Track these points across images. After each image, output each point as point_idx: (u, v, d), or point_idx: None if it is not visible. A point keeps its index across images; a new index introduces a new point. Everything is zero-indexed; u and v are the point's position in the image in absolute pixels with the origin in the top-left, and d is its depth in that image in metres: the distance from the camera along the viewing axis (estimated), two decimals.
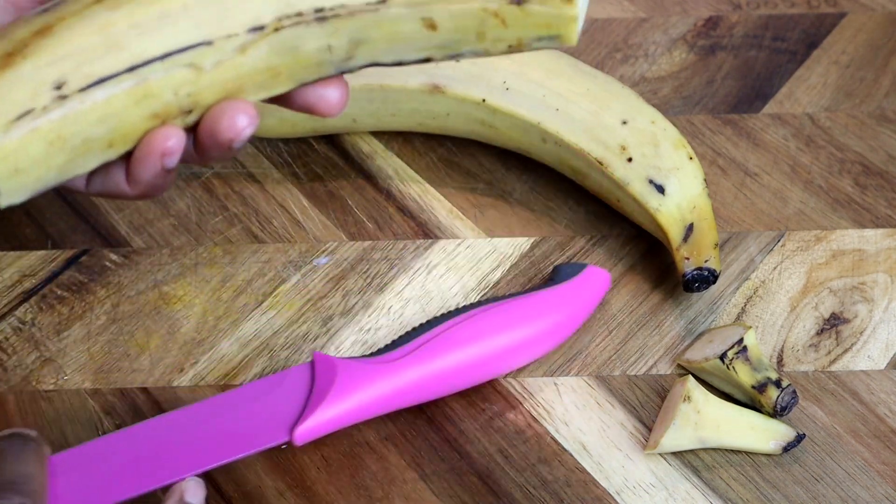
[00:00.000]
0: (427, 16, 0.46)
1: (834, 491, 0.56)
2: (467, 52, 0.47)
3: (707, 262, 0.60)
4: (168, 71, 0.45)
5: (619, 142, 0.62)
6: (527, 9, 0.46)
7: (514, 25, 0.46)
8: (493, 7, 0.46)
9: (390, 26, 0.46)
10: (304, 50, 0.47)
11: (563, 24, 0.46)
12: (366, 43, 0.47)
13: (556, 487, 0.56)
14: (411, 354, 0.55)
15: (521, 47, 0.47)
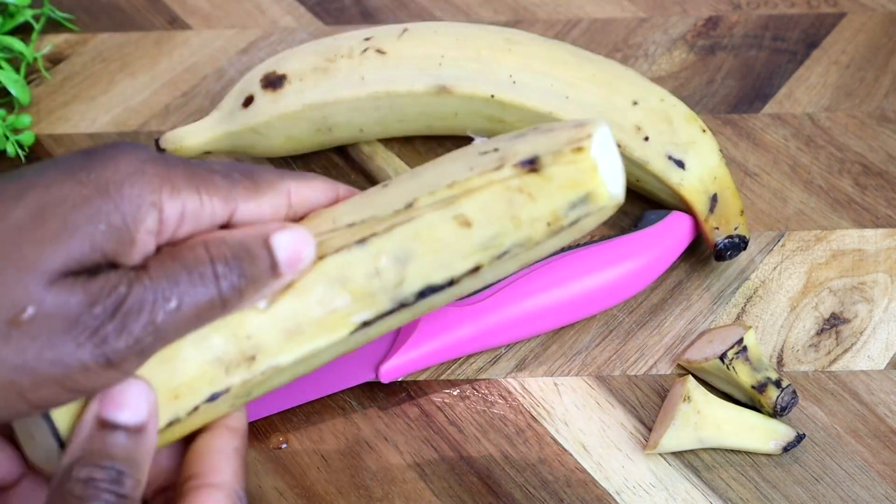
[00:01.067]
0: (458, 213, 0.45)
1: (834, 491, 0.56)
2: (512, 245, 0.46)
3: (736, 229, 0.62)
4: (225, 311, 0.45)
5: (634, 122, 0.62)
6: (545, 173, 0.45)
7: (540, 196, 0.45)
8: (514, 183, 0.45)
9: (428, 234, 0.45)
10: (354, 278, 0.46)
11: (586, 179, 0.45)
12: (411, 260, 0.46)
13: (556, 487, 0.56)
14: (493, 297, 0.58)
15: (559, 222, 0.46)
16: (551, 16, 0.78)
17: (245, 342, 0.45)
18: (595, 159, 0.45)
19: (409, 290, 0.46)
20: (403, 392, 0.59)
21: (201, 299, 0.43)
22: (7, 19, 0.75)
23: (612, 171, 0.46)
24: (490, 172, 0.45)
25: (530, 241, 0.46)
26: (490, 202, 0.45)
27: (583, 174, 0.45)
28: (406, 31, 0.66)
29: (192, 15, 0.78)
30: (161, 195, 0.43)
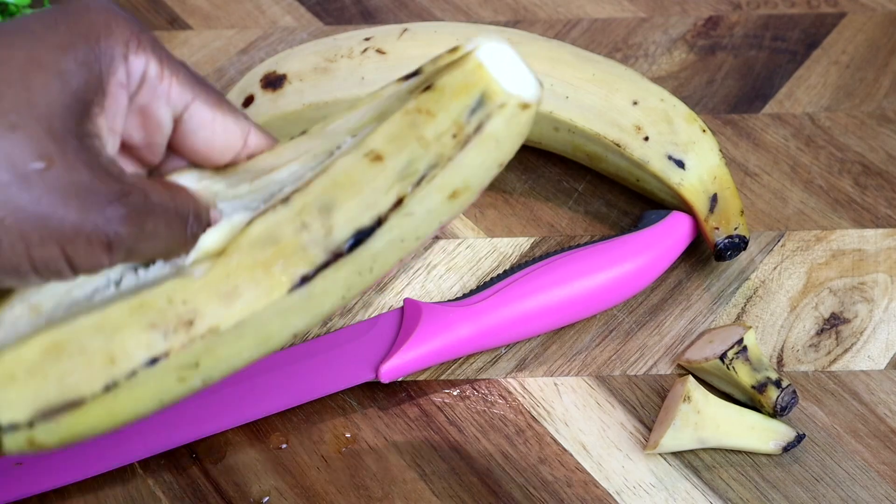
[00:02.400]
0: (368, 150, 0.46)
1: (834, 491, 0.56)
2: (427, 167, 0.46)
3: (736, 229, 0.62)
4: (157, 276, 0.46)
5: (634, 122, 0.62)
6: (437, 86, 0.45)
7: (439, 109, 0.45)
8: (412, 105, 0.45)
9: (345, 179, 0.46)
10: (283, 235, 0.46)
11: (477, 80, 0.45)
12: (334, 207, 0.46)
13: (557, 487, 0.56)
14: (493, 297, 0.58)
15: (463, 130, 0.45)
16: (551, 16, 0.78)
17: (181, 307, 0.45)
18: (478, 59, 0.44)
19: (339, 237, 0.46)
20: (403, 392, 0.59)
21: (171, 240, 0.45)
22: (7, 19, 0.75)
23: (510, 71, 0.45)
24: (379, 91, 0.46)
25: (442, 157, 0.46)
26: (394, 131, 0.45)
27: (471, 75, 0.45)
28: (406, 31, 0.66)
29: (192, 15, 0.78)
30: (129, 48, 0.44)
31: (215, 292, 0.45)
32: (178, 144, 0.48)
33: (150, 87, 0.45)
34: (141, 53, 0.44)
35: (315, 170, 0.47)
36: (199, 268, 0.46)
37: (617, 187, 0.67)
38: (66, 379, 0.44)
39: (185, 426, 0.56)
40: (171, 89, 0.46)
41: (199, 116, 0.47)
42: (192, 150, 0.48)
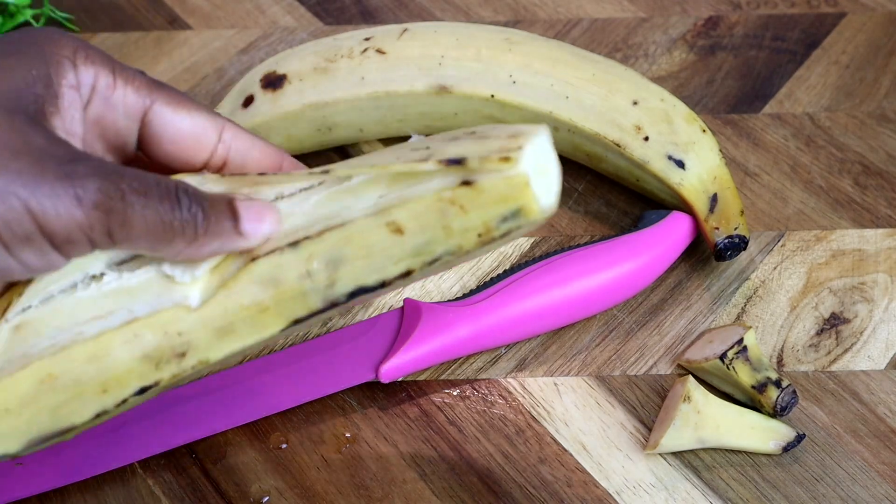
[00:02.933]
0: (390, 220, 0.45)
1: (834, 491, 0.56)
2: (443, 253, 0.46)
3: (736, 229, 0.62)
4: (155, 307, 0.45)
5: (634, 122, 0.62)
6: (478, 186, 0.44)
7: (472, 208, 0.45)
8: (447, 195, 0.45)
9: (360, 239, 0.46)
10: (286, 280, 0.46)
11: (518, 195, 0.44)
12: (343, 263, 0.46)
13: (557, 487, 0.56)
14: (493, 297, 0.58)
15: (490, 234, 0.46)
16: (551, 16, 0.78)
17: (176, 339, 0.45)
18: (527, 174, 0.44)
19: (340, 291, 0.46)
20: (403, 392, 0.59)
21: (161, 215, 0.42)
22: (7, 19, 0.75)
23: (547, 183, 0.46)
24: (413, 163, 0.45)
25: (461, 249, 0.46)
26: (422, 212, 0.45)
27: (515, 189, 0.44)
28: (406, 31, 0.66)
29: (191, 15, 0.78)
30: (76, 58, 0.44)
31: (211, 328, 0.46)
32: (150, 151, 0.47)
33: (102, 98, 0.45)
34: (90, 65, 0.45)
35: (328, 218, 0.46)
36: (195, 293, 0.45)
37: (617, 187, 0.67)
38: (59, 410, 0.44)
39: (185, 426, 0.56)
40: (126, 97, 0.46)
41: (161, 118, 0.47)
42: (164, 153, 0.47)
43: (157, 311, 0.45)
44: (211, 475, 0.56)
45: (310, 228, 0.46)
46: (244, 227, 0.45)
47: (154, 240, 0.43)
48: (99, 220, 0.41)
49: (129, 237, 0.42)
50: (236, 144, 0.48)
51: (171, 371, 0.46)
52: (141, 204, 0.42)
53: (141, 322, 0.45)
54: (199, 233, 0.44)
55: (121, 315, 0.45)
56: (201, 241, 0.44)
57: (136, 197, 0.41)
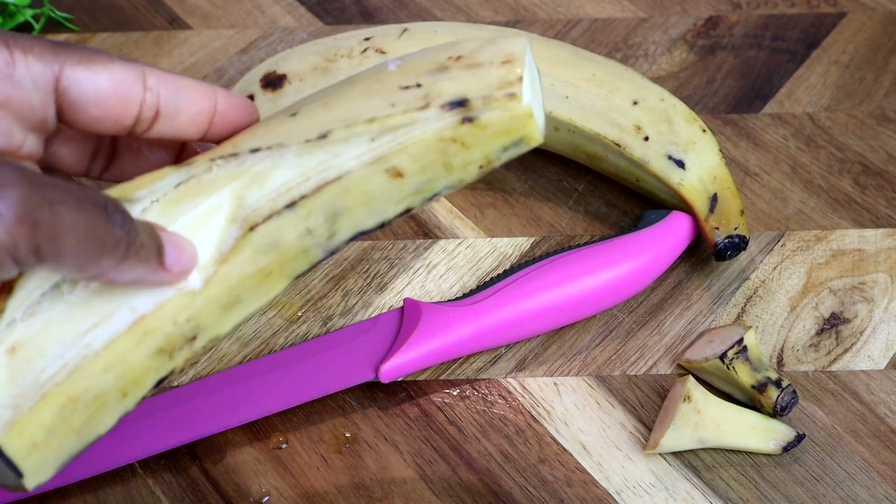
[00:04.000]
0: (390, 166, 0.44)
1: (834, 491, 0.56)
2: (443, 187, 0.46)
3: (736, 229, 0.62)
4: (158, 300, 0.43)
5: (634, 122, 0.62)
6: (480, 123, 0.44)
7: (474, 144, 0.44)
8: (447, 134, 0.44)
9: (359, 188, 0.45)
10: (286, 241, 0.45)
11: (521, 126, 0.44)
12: (342, 214, 0.45)
13: (557, 487, 0.56)
14: (493, 297, 0.58)
15: (491, 163, 0.45)
16: (551, 15, 0.78)
17: (185, 326, 0.44)
18: (530, 106, 0.44)
19: (341, 239, 0.46)
20: (403, 392, 0.59)
21: (93, 228, 0.38)
22: (7, 19, 0.75)
23: (538, 103, 0.45)
24: (414, 111, 0.44)
25: (461, 182, 0.46)
26: (423, 153, 0.44)
27: (518, 121, 0.44)
28: (406, 31, 0.66)
29: (191, 14, 0.78)
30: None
31: (217, 305, 0.45)
32: (73, 119, 0.43)
33: (4, 76, 0.41)
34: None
35: (321, 171, 0.45)
36: (195, 274, 0.44)
37: (617, 187, 0.67)
38: (84, 428, 0.43)
39: (185, 426, 0.56)
40: (30, 69, 0.41)
41: (75, 81, 0.42)
42: (88, 118, 0.43)
43: (161, 303, 0.44)
44: (211, 475, 0.56)
45: (303, 185, 0.45)
46: (167, 258, 0.42)
47: (84, 257, 0.38)
48: (24, 235, 0.36)
49: (59, 254, 0.37)
50: (164, 90, 0.44)
51: (183, 357, 0.45)
52: (72, 216, 0.37)
53: (148, 319, 0.43)
54: (129, 252, 0.40)
55: (124, 315, 0.43)
56: (128, 263, 0.40)
57: (65, 208, 0.37)
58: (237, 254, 0.44)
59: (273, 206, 0.45)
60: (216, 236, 0.45)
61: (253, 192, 0.45)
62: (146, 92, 0.43)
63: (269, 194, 0.45)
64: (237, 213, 0.44)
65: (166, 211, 0.44)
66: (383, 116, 0.44)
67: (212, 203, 0.44)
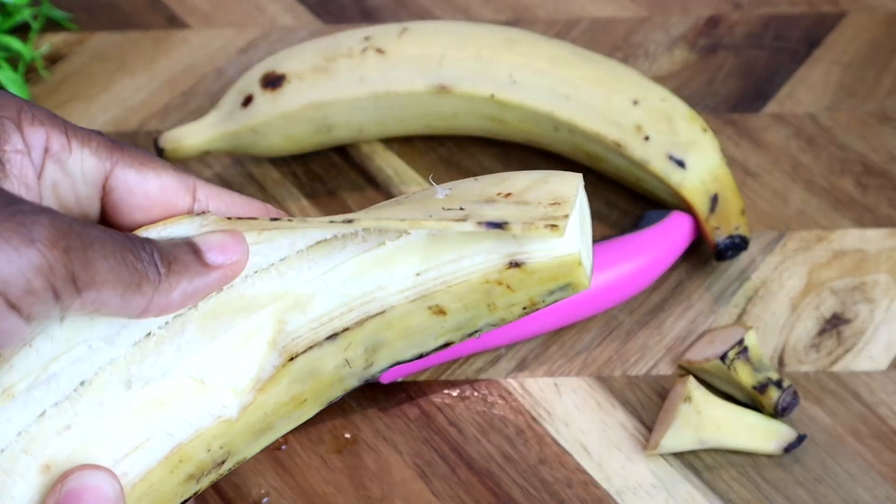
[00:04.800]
0: (433, 304, 0.44)
1: (835, 492, 0.55)
2: (484, 325, 0.45)
3: (737, 229, 0.61)
4: (196, 427, 0.42)
5: (634, 122, 0.62)
6: (528, 268, 0.43)
7: (521, 287, 0.43)
8: (494, 277, 0.43)
9: (401, 323, 0.44)
10: (324, 370, 0.44)
11: (569, 273, 0.43)
12: (382, 347, 0.45)
13: (557, 488, 0.56)
14: None
15: (535, 305, 0.44)
16: (552, 15, 0.78)
17: (218, 452, 0.43)
18: (578, 254, 0.43)
19: (377, 369, 0.45)
20: (403, 392, 0.59)
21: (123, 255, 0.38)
22: (5, 18, 0.75)
23: (588, 248, 0.44)
24: (449, 221, 0.42)
25: (503, 321, 0.45)
26: (468, 293, 0.44)
27: (565, 269, 0.43)
28: (406, 31, 0.65)
29: (191, 14, 0.78)
30: (21, 119, 0.40)
31: (251, 432, 0.44)
32: (116, 220, 0.43)
33: (56, 162, 0.41)
34: (38, 126, 0.41)
35: (364, 302, 0.43)
36: (232, 401, 0.43)
37: (617, 187, 0.67)
38: None
39: None
40: (83, 162, 0.42)
41: (125, 182, 0.42)
42: (132, 221, 0.43)
43: (199, 431, 0.43)
44: None
45: (346, 316, 0.44)
46: (208, 258, 0.41)
47: (122, 284, 0.38)
48: (58, 259, 0.36)
49: (95, 281, 0.37)
50: (214, 205, 0.44)
51: (209, 480, 0.44)
52: (100, 242, 0.37)
53: (185, 447, 0.42)
54: (161, 273, 0.40)
55: (161, 441, 0.42)
56: (168, 283, 0.40)
57: (93, 236, 0.37)
58: (275, 383, 0.44)
59: (315, 336, 0.44)
60: (255, 362, 0.44)
61: (294, 318, 0.44)
62: (195, 203, 0.44)
63: (310, 323, 0.44)
64: (277, 340, 0.44)
65: (206, 325, 0.43)
66: (413, 219, 0.42)
67: (253, 323, 0.43)
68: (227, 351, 0.43)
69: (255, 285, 0.43)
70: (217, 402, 0.43)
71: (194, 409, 0.43)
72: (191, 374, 0.42)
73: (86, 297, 0.37)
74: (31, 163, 0.41)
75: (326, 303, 0.43)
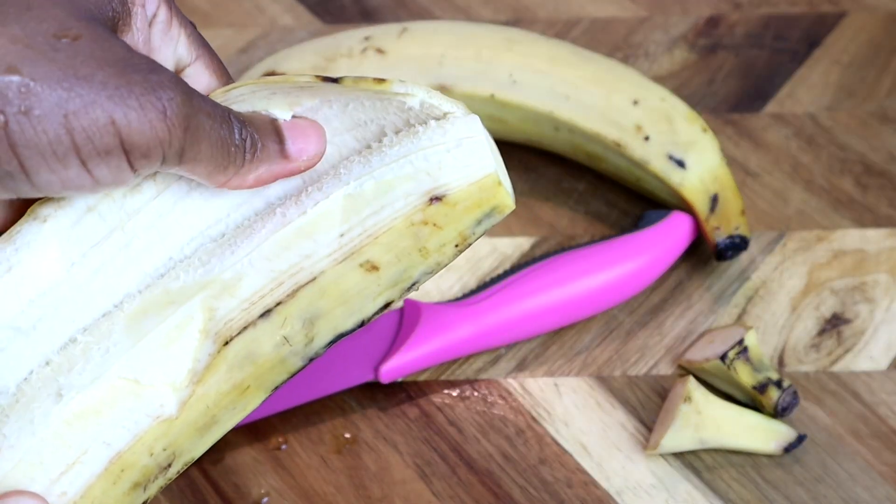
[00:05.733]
0: (363, 260, 0.43)
1: (835, 492, 0.55)
2: (421, 274, 0.44)
3: (737, 229, 0.62)
4: (134, 432, 0.41)
5: (634, 122, 0.62)
6: (449, 200, 0.42)
7: (447, 223, 0.43)
8: (418, 218, 0.42)
9: (335, 289, 0.43)
10: (263, 352, 0.43)
11: (492, 196, 0.43)
12: (320, 318, 0.43)
13: (557, 488, 0.56)
14: (493, 297, 0.58)
15: (466, 240, 0.44)
16: (552, 15, 0.78)
17: (161, 455, 0.42)
18: (496, 174, 0.42)
19: (319, 345, 0.44)
20: (403, 392, 0.59)
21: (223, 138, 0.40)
22: None
23: (504, 172, 0.44)
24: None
25: (440, 265, 0.44)
26: (395, 242, 0.43)
27: (487, 192, 0.42)
28: (406, 31, 0.65)
29: (190, 14, 0.78)
30: None
31: (194, 429, 0.43)
32: None
33: (160, 30, 0.43)
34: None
35: (293, 273, 0.42)
36: (170, 398, 0.42)
37: (617, 187, 0.67)
38: None
39: None
40: (179, 39, 0.44)
41: (196, 78, 0.44)
42: None
43: (137, 435, 0.41)
44: (210, 475, 0.56)
45: (276, 291, 0.43)
46: (289, 148, 0.42)
47: (214, 163, 0.40)
48: (178, 136, 0.38)
49: (197, 157, 0.39)
50: None
51: (157, 486, 0.43)
52: (209, 125, 0.39)
53: (125, 455, 0.41)
54: (247, 158, 0.41)
55: (99, 452, 0.41)
56: (249, 167, 0.41)
57: (205, 117, 0.39)
58: (212, 372, 0.42)
59: (247, 316, 0.43)
60: (189, 354, 0.42)
61: (224, 303, 0.42)
62: None
63: (241, 304, 0.43)
64: (209, 327, 0.42)
65: (133, 324, 0.42)
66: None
67: (182, 315, 0.42)
68: (159, 346, 0.42)
69: (178, 277, 0.42)
70: (154, 402, 0.42)
71: (130, 413, 0.41)
72: (123, 375, 0.41)
73: (183, 167, 0.40)
74: (147, 22, 0.42)
75: (254, 282, 0.43)
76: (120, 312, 0.42)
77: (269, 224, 0.43)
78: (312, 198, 0.43)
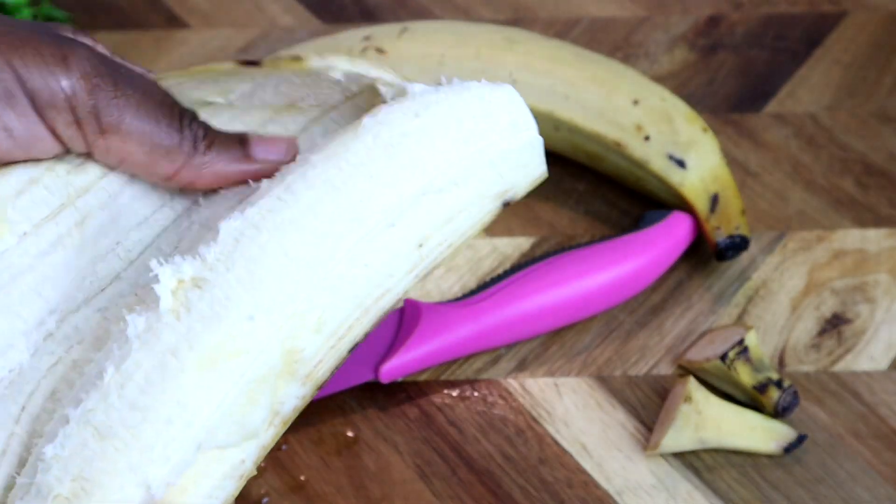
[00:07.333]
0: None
1: (835, 492, 0.55)
2: None
3: (737, 229, 0.62)
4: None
5: (634, 121, 0.62)
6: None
7: None
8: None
9: None
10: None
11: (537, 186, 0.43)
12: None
13: (557, 488, 0.56)
14: (493, 297, 0.58)
15: None
16: (552, 15, 0.78)
17: None
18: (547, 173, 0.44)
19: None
20: (403, 392, 0.59)
21: (159, 118, 0.40)
22: None
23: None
24: None
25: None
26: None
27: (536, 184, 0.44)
28: (406, 30, 0.65)
29: (190, 14, 0.78)
30: None
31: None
32: None
33: None
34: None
35: (376, 298, 0.42)
36: (253, 449, 0.43)
37: (617, 187, 0.67)
38: None
39: None
40: None
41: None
42: None
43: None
44: None
45: (363, 319, 0.43)
46: (254, 151, 0.42)
47: (149, 143, 0.40)
48: (84, 89, 0.39)
49: (120, 129, 0.39)
50: None
51: None
52: (135, 96, 0.39)
53: None
54: (198, 149, 0.41)
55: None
56: (202, 160, 0.41)
57: (127, 85, 0.40)
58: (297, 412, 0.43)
59: (338, 354, 0.43)
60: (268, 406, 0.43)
61: (308, 341, 0.42)
62: None
63: (327, 340, 0.43)
64: (294, 369, 0.43)
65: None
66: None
67: (261, 366, 0.42)
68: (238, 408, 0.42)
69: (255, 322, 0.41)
70: (236, 459, 0.42)
71: (222, 481, 0.42)
72: (206, 448, 0.41)
73: (110, 140, 0.39)
74: None
75: (338, 312, 0.41)
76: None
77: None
78: None
